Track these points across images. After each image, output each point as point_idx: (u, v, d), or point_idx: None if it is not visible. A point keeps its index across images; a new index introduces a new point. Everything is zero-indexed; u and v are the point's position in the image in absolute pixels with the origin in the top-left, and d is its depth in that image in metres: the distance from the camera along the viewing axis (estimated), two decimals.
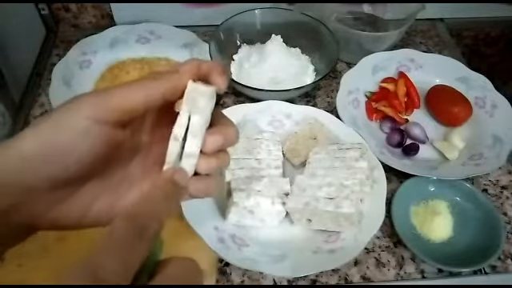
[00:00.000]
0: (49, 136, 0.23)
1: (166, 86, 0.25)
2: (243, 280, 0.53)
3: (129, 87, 0.24)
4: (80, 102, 0.23)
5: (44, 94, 0.74)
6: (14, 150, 0.22)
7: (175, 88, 0.25)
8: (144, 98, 0.24)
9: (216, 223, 0.54)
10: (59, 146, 0.23)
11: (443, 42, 0.89)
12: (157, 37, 0.81)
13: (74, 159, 0.23)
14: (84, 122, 0.23)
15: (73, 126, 0.23)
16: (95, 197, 0.25)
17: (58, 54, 0.81)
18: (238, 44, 0.79)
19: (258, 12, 0.79)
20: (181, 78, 0.25)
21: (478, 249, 0.55)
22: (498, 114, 0.70)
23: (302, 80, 0.73)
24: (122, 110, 0.24)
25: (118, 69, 0.77)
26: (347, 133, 0.63)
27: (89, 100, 0.23)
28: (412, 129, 0.69)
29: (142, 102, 0.24)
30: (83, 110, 0.23)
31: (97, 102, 0.23)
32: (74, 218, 0.25)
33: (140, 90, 0.24)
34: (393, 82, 0.74)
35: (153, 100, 0.25)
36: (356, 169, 0.55)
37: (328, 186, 0.53)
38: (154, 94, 0.24)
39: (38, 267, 0.52)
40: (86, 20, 0.88)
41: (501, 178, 0.66)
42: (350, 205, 0.51)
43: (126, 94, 0.24)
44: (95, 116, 0.23)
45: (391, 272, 0.55)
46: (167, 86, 0.25)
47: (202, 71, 0.27)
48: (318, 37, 0.77)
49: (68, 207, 0.24)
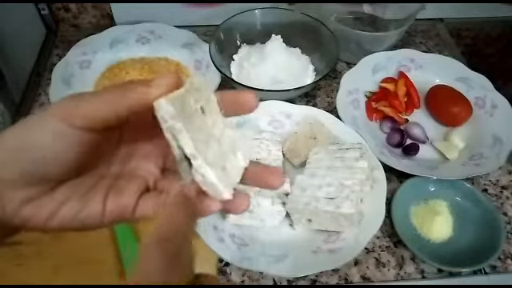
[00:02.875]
0: (25, 135, 0.23)
1: (132, 101, 0.24)
2: (243, 280, 0.53)
3: (97, 98, 0.24)
4: (57, 105, 0.24)
5: (44, 94, 0.74)
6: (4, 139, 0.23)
7: (143, 104, 0.24)
8: (110, 111, 0.24)
9: (216, 223, 0.54)
10: (34, 144, 0.23)
11: (443, 42, 0.89)
12: (157, 37, 0.81)
13: (48, 159, 0.23)
14: (58, 124, 0.23)
15: (47, 127, 0.23)
16: (65, 200, 0.25)
17: (57, 54, 0.81)
18: (238, 44, 0.79)
19: (258, 12, 0.79)
20: (150, 92, 0.24)
21: (478, 249, 0.55)
22: (498, 114, 0.70)
23: (302, 80, 0.73)
24: (91, 118, 0.24)
25: (117, 69, 0.77)
26: (347, 133, 0.63)
27: (65, 104, 0.24)
28: (412, 129, 0.69)
29: (109, 115, 0.24)
30: (58, 113, 0.23)
31: (71, 107, 0.23)
32: (43, 218, 0.25)
33: (106, 103, 0.24)
34: (393, 82, 0.74)
35: (120, 113, 0.24)
36: (356, 169, 0.55)
37: (328, 186, 0.53)
38: (120, 108, 0.24)
39: (37, 267, 0.52)
40: (86, 20, 0.88)
41: (501, 178, 0.66)
42: (350, 205, 0.51)
43: (94, 105, 0.23)
44: (69, 120, 0.23)
45: (391, 272, 0.55)
46: (134, 101, 0.24)
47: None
48: (317, 37, 0.77)
49: (38, 206, 0.24)
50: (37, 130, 0.23)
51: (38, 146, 0.23)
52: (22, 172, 0.23)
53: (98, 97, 0.24)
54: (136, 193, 0.27)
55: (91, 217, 0.25)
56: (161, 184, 0.28)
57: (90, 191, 0.26)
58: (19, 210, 0.24)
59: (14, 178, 0.23)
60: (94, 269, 0.52)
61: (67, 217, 0.25)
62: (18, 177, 0.23)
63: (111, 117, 0.24)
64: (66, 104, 0.23)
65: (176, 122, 0.23)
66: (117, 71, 0.76)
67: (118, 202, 0.26)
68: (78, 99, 0.24)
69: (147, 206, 0.27)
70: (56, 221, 0.25)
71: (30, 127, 0.23)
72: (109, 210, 0.26)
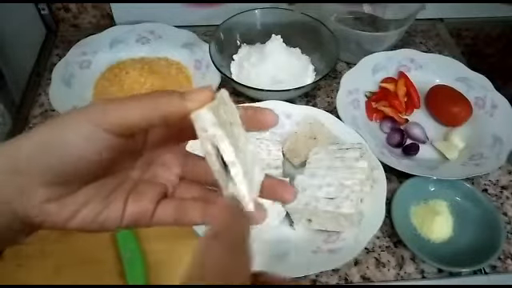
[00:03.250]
0: (57, 133, 0.24)
1: (166, 111, 0.24)
2: None
3: (131, 105, 0.24)
4: (92, 109, 0.24)
5: (44, 94, 0.74)
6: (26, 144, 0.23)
7: (176, 115, 0.24)
8: (143, 119, 0.24)
9: None
10: (65, 144, 0.23)
11: (443, 42, 0.89)
12: (157, 37, 0.81)
13: (77, 161, 0.24)
14: (92, 128, 0.23)
15: (81, 130, 0.23)
16: (86, 201, 0.25)
17: (57, 54, 0.81)
18: (238, 44, 0.79)
19: (258, 12, 0.79)
20: (186, 105, 0.24)
21: (478, 249, 0.55)
22: (498, 114, 0.70)
23: (302, 80, 0.73)
24: (124, 125, 0.24)
25: (118, 69, 0.77)
26: (347, 133, 0.63)
27: (98, 107, 0.24)
28: (412, 129, 0.69)
29: (142, 122, 0.24)
30: (93, 118, 0.24)
31: (106, 113, 0.24)
32: (63, 217, 0.25)
33: (140, 110, 0.24)
34: (393, 82, 0.74)
35: (152, 122, 0.24)
36: (356, 169, 0.55)
37: (328, 186, 0.53)
38: (153, 117, 0.24)
39: (38, 267, 0.52)
40: (86, 20, 0.88)
41: (501, 178, 0.66)
42: (350, 205, 0.51)
43: (128, 112, 0.24)
44: (103, 125, 0.24)
45: (391, 272, 0.55)
46: (168, 112, 0.24)
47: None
48: (317, 37, 0.77)
49: (60, 206, 0.25)
50: (69, 131, 0.24)
51: (69, 146, 0.23)
52: (49, 169, 0.24)
53: (132, 104, 0.24)
54: (155, 199, 0.27)
55: (110, 219, 0.26)
56: (179, 192, 0.29)
57: (111, 194, 0.26)
58: (41, 207, 0.24)
59: (40, 174, 0.23)
60: (94, 269, 0.52)
61: (87, 218, 0.25)
62: (44, 173, 0.24)
63: (143, 124, 0.24)
64: (101, 109, 0.24)
65: (217, 130, 0.23)
66: (117, 71, 0.76)
67: (138, 207, 0.27)
68: (113, 105, 0.24)
69: (166, 213, 0.27)
70: (76, 221, 0.25)
71: (62, 127, 0.24)
72: (128, 214, 0.26)
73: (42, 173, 0.24)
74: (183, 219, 0.28)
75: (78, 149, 0.23)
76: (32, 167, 0.23)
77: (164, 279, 0.52)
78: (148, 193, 0.27)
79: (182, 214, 0.28)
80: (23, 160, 0.23)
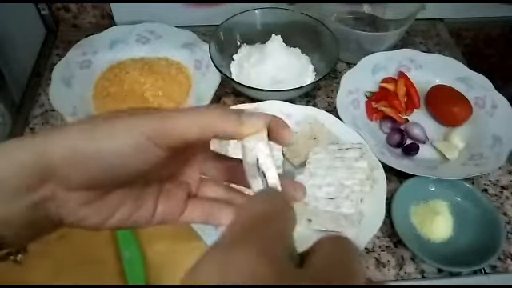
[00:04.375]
0: (101, 142, 0.23)
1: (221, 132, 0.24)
2: None
3: (187, 120, 0.24)
4: (143, 119, 0.24)
5: (44, 94, 0.74)
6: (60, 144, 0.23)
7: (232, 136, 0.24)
8: (197, 135, 0.24)
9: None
10: (109, 153, 0.23)
11: (443, 42, 0.89)
12: (157, 37, 0.81)
13: (119, 169, 0.24)
14: (145, 141, 0.23)
15: (131, 141, 0.23)
16: (120, 203, 0.26)
17: (58, 54, 0.81)
18: (238, 44, 0.79)
19: (258, 12, 0.79)
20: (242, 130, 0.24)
21: (478, 249, 0.55)
22: (498, 114, 0.70)
23: (302, 80, 0.73)
24: (178, 140, 0.24)
25: (118, 69, 0.77)
26: (347, 133, 0.63)
27: (153, 120, 0.24)
28: (412, 129, 0.69)
29: (195, 138, 0.24)
30: (147, 131, 0.23)
31: (157, 125, 0.23)
32: (98, 219, 0.25)
33: (195, 127, 0.24)
34: (393, 82, 0.74)
35: (205, 138, 0.24)
36: (356, 169, 0.55)
37: (328, 185, 0.53)
38: (207, 134, 0.24)
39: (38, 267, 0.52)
40: (86, 20, 0.88)
41: (501, 178, 0.66)
42: (350, 205, 0.51)
43: (183, 129, 0.24)
44: (156, 140, 0.23)
45: (391, 272, 0.55)
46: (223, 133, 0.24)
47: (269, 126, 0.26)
48: (318, 37, 0.77)
49: (95, 209, 0.25)
50: (115, 140, 0.23)
51: (112, 155, 0.23)
52: (85, 176, 0.23)
53: (185, 119, 0.24)
54: (183, 198, 0.28)
55: (142, 219, 0.27)
56: (202, 191, 0.29)
57: (141, 195, 0.27)
58: (77, 211, 0.24)
59: (75, 181, 0.23)
60: (94, 269, 0.52)
61: (121, 219, 0.26)
62: (80, 180, 0.23)
63: (195, 140, 0.24)
64: (154, 120, 0.23)
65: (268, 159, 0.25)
66: (117, 71, 0.76)
67: (168, 207, 0.27)
68: (166, 118, 0.24)
69: (195, 213, 0.28)
70: (111, 222, 0.26)
71: (106, 134, 0.23)
72: (158, 213, 0.27)
73: (77, 178, 0.23)
74: (211, 221, 0.28)
75: (122, 159, 0.23)
76: (66, 171, 0.23)
77: (164, 279, 0.52)
78: (176, 192, 0.28)
79: (210, 215, 0.28)
80: (56, 163, 0.22)
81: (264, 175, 0.25)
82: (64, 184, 0.23)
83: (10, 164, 0.22)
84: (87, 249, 0.53)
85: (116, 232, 0.55)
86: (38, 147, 0.22)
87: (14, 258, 0.27)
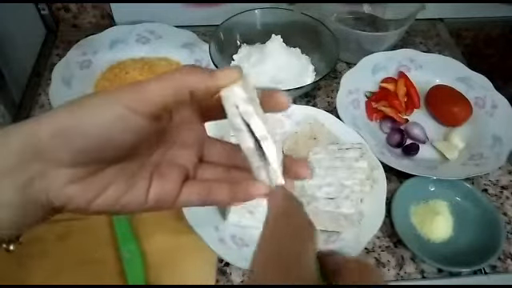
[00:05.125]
0: (82, 116, 0.24)
1: (193, 85, 0.25)
2: (243, 280, 0.53)
3: (158, 84, 0.24)
4: (120, 92, 0.24)
5: (44, 94, 0.74)
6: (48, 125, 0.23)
7: (203, 90, 0.25)
8: (171, 96, 0.24)
9: (216, 223, 0.54)
10: (90, 126, 0.24)
11: (443, 42, 0.89)
12: (157, 37, 0.81)
13: (103, 143, 0.24)
14: (122, 109, 0.24)
15: (109, 112, 0.24)
16: (110, 182, 0.25)
17: (58, 54, 0.81)
18: (238, 44, 0.79)
19: (258, 12, 0.79)
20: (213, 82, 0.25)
21: (478, 249, 0.55)
22: (498, 114, 0.70)
23: (302, 80, 0.73)
24: (154, 103, 0.24)
25: (118, 69, 0.77)
26: (347, 133, 0.63)
27: (128, 90, 0.24)
28: (412, 129, 0.69)
29: (170, 99, 0.25)
30: (123, 99, 0.24)
31: (135, 94, 0.24)
32: (87, 198, 0.25)
33: (168, 88, 0.24)
34: (393, 82, 0.74)
35: (180, 98, 0.25)
36: (356, 169, 0.55)
37: (328, 185, 0.53)
38: (180, 93, 0.25)
39: (38, 267, 0.52)
40: (86, 20, 0.88)
41: (501, 178, 0.66)
42: (350, 205, 0.51)
43: (156, 91, 0.24)
44: (133, 106, 0.24)
45: (391, 272, 0.55)
46: (195, 86, 0.25)
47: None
48: (318, 37, 0.77)
49: (83, 186, 0.25)
50: (96, 113, 0.24)
51: (95, 128, 0.23)
52: (73, 152, 0.24)
53: (158, 83, 0.24)
54: (179, 179, 0.27)
55: (134, 201, 0.26)
56: (200, 173, 0.29)
57: (134, 175, 0.26)
58: (64, 189, 0.24)
59: (63, 158, 0.24)
60: (94, 269, 0.52)
61: (110, 199, 0.25)
62: (68, 156, 0.24)
63: (171, 101, 0.25)
64: (130, 91, 0.24)
65: (248, 106, 0.24)
66: (117, 71, 0.76)
67: (162, 188, 0.27)
68: (140, 87, 0.24)
69: (191, 193, 0.27)
70: (98, 203, 0.25)
71: (88, 109, 0.24)
72: (152, 195, 0.26)
73: (65, 155, 0.24)
74: (210, 199, 0.28)
75: (104, 132, 0.24)
76: (54, 150, 0.23)
77: (164, 279, 0.52)
78: (172, 173, 0.27)
79: (208, 194, 0.28)
80: (45, 142, 0.23)
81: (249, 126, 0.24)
82: (52, 162, 0.23)
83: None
84: (87, 249, 0.53)
85: (116, 232, 0.55)
86: (28, 128, 0.23)
87: (6, 247, 0.27)
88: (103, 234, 0.55)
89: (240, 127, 0.24)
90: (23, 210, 0.24)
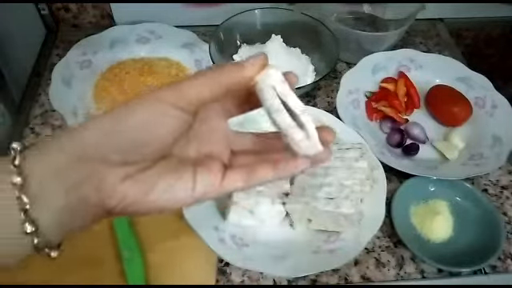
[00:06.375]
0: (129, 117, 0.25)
1: (228, 80, 0.26)
2: (243, 280, 0.53)
3: (195, 81, 0.26)
4: (158, 92, 0.26)
5: (44, 94, 0.74)
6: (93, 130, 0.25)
7: (237, 83, 0.27)
8: (208, 91, 0.26)
9: (216, 223, 0.54)
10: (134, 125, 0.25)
11: (443, 42, 0.89)
12: (157, 37, 0.81)
13: (146, 139, 0.26)
14: (162, 105, 0.26)
15: (152, 109, 0.26)
16: (159, 176, 0.27)
17: (58, 54, 0.81)
18: (238, 44, 0.80)
19: (258, 12, 0.79)
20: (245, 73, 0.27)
21: (478, 249, 0.55)
22: (498, 114, 0.70)
23: (302, 80, 0.73)
24: (194, 99, 0.26)
25: (118, 69, 0.77)
26: (347, 133, 0.63)
27: (168, 89, 0.26)
28: (412, 129, 0.69)
29: (207, 95, 0.26)
30: (164, 97, 0.26)
31: (172, 91, 0.26)
32: (141, 192, 0.26)
33: (204, 85, 0.26)
34: (393, 82, 0.74)
35: (216, 93, 0.26)
36: (356, 169, 0.55)
37: (328, 185, 0.53)
38: (216, 89, 0.26)
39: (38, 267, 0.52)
40: (86, 20, 0.88)
41: (501, 178, 0.66)
42: (350, 205, 0.51)
43: (196, 88, 0.26)
44: (172, 101, 0.26)
45: (391, 272, 0.55)
46: (229, 80, 0.26)
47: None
48: (318, 37, 0.77)
49: (136, 182, 0.26)
50: (138, 112, 0.25)
51: (139, 126, 0.25)
52: (121, 152, 0.25)
53: (196, 80, 0.26)
54: (220, 169, 0.29)
55: (182, 192, 0.27)
56: (235, 162, 0.30)
57: (178, 170, 0.28)
58: (118, 186, 0.25)
59: (113, 158, 0.25)
60: (94, 269, 0.52)
61: (162, 192, 0.27)
62: (117, 157, 0.25)
63: (208, 97, 0.26)
64: (168, 89, 0.26)
65: (285, 85, 0.26)
66: (117, 71, 0.76)
67: (207, 177, 0.28)
68: (178, 85, 0.26)
69: (235, 177, 0.29)
70: (153, 195, 0.26)
71: (130, 110, 0.26)
72: (199, 184, 0.27)
73: (115, 156, 0.25)
74: (254, 178, 0.29)
75: (149, 127, 0.25)
76: (101, 153, 0.25)
77: (164, 279, 0.52)
78: (213, 165, 0.29)
79: (251, 174, 0.29)
80: (91, 147, 0.25)
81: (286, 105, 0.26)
82: (103, 163, 0.25)
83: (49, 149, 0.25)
84: (87, 249, 0.53)
85: (116, 232, 0.55)
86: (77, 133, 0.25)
87: (48, 252, 0.28)
88: (103, 234, 0.55)
89: (279, 107, 0.26)
90: (71, 214, 0.25)
